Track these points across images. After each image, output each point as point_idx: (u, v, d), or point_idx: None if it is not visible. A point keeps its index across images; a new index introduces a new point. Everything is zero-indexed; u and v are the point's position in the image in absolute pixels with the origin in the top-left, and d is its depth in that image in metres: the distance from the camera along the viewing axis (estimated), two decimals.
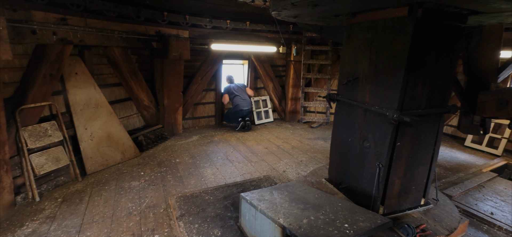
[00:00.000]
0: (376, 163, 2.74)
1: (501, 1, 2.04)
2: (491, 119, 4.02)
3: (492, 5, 2.22)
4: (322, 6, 2.44)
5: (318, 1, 2.20)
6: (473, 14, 2.52)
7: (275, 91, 7.48)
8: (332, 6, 2.52)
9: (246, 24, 6.00)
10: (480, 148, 5.98)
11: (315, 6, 2.41)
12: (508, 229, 3.14)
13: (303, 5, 2.37)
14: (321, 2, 2.25)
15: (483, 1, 2.09)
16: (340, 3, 2.42)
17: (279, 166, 4.75)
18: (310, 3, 2.23)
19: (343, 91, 3.16)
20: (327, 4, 2.37)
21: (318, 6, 2.43)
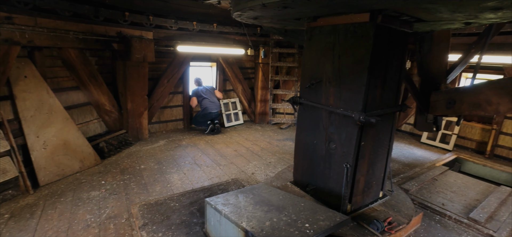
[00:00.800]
0: (343, 163, 2.84)
1: (444, 12, 2.27)
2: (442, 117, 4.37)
3: (437, 15, 2.44)
4: (291, 9, 2.47)
5: (288, 4, 2.21)
6: (419, 21, 2.73)
7: (244, 93, 7.49)
8: (300, 9, 2.54)
9: (213, 26, 5.94)
10: (434, 143, 6.47)
11: (284, 8, 2.43)
12: (456, 217, 3.41)
13: (273, 6, 2.33)
14: (291, 4, 2.26)
15: (432, 11, 2.29)
16: (310, 7, 2.45)
17: (248, 168, 4.75)
18: (280, 5, 2.23)
19: (306, 94, 3.20)
20: (296, 6, 2.39)
21: (288, 9, 2.45)
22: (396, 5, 2.27)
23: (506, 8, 2.02)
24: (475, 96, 3.20)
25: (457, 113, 3.51)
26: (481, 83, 3.20)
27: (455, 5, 2.06)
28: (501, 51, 4.96)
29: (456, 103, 3.45)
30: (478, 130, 6.10)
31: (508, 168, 5.26)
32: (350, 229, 2.74)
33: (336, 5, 2.41)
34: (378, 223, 2.76)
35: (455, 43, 5.29)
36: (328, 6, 2.45)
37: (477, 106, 3.19)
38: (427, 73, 3.81)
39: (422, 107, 3.86)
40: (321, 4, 2.29)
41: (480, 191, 4.13)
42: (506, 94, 2.79)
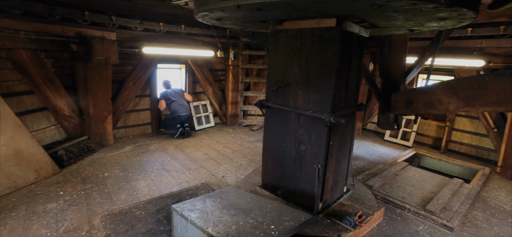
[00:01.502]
0: (314, 164, 2.91)
1: (400, 20, 2.45)
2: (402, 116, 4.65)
3: (393, 22, 2.62)
4: (264, 11, 2.45)
5: (260, 6, 2.20)
6: (373, 27, 2.92)
7: (215, 95, 7.41)
8: (270, 12, 2.54)
9: (181, 27, 5.81)
10: (396, 141, 6.86)
11: (259, 10, 2.40)
12: (414, 210, 3.64)
13: (247, 9, 2.31)
14: (266, 7, 2.24)
15: (392, 19, 2.45)
16: (282, 11, 2.45)
17: (219, 172, 4.69)
18: (255, 7, 2.21)
19: (273, 98, 3.20)
20: (268, 9, 2.37)
21: (261, 11, 2.43)
22: (363, 13, 2.40)
23: (450, 18, 2.22)
24: (428, 96, 3.43)
25: (414, 112, 3.74)
26: (434, 84, 3.45)
27: (412, 14, 2.22)
28: (451, 54, 5.41)
29: (413, 103, 3.68)
30: (434, 127, 6.58)
31: (460, 161, 5.73)
32: (325, 227, 2.82)
33: (309, 10, 2.47)
34: (350, 218, 2.92)
35: (412, 47, 5.65)
36: (302, 11, 2.49)
37: (430, 106, 3.43)
38: (387, 75, 4.03)
39: (384, 107, 4.07)
40: (295, 8, 2.33)
41: (435, 184, 4.45)
42: (454, 94, 3.03)
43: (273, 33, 3.06)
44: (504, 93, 2.26)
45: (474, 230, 3.38)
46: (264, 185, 3.55)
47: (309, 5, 2.20)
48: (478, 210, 3.85)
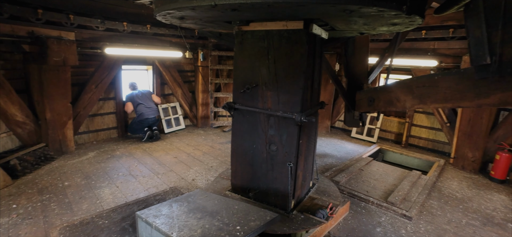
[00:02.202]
0: (286, 163, 2.97)
1: (359, 24, 2.62)
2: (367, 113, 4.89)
3: (353, 26, 2.76)
4: (238, 12, 2.43)
5: (238, 6, 2.17)
6: (332, 30, 3.07)
7: (184, 97, 7.26)
8: (243, 13, 2.53)
9: (146, 27, 5.62)
10: (362, 137, 7.19)
11: (234, 11, 2.39)
12: (377, 202, 3.84)
13: (222, 9, 2.27)
14: (238, 7, 2.23)
15: (353, 23, 2.59)
16: (258, 11, 2.43)
17: (189, 175, 4.61)
18: (229, 8, 2.19)
19: (241, 100, 3.17)
20: (245, 10, 2.36)
21: (236, 11, 2.40)
22: (331, 17, 2.51)
23: (401, 24, 2.39)
24: (388, 95, 3.64)
25: (376, 109, 3.95)
26: (393, 83, 3.66)
27: (373, 20, 2.39)
28: (408, 55, 5.78)
29: (375, 101, 3.87)
30: (395, 123, 6.99)
31: (419, 154, 6.15)
32: (301, 223, 2.92)
33: (283, 13, 2.49)
34: (323, 211, 3.05)
35: (373, 48, 5.96)
36: (278, 13, 2.51)
37: (390, 103, 3.63)
38: (352, 75, 4.22)
39: (349, 106, 4.25)
40: (269, 10, 2.35)
41: (397, 177, 4.74)
42: (410, 92, 3.24)
43: (238, 34, 3.04)
44: (450, 90, 2.46)
45: (430, 218, 3.65)
46: (234, 188, 3.49)
47: (286, 8, 2.23)
48: (434, 199, 4.15)
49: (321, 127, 7.73)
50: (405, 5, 2.10)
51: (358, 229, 3.32)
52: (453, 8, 2.06)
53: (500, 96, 1.95)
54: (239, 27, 2.99)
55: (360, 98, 4.12)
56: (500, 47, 1.79)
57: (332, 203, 3.30)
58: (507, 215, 3.84)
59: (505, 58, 1.79)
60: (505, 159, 4.79)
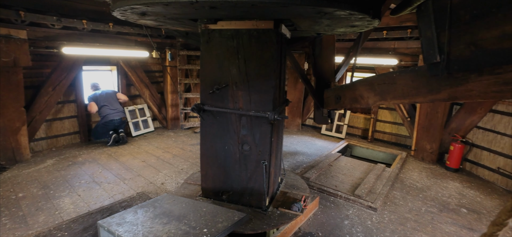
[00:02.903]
0: (260, 161, 3.00)
1: (323, 26, 2.74)
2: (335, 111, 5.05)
3: (316, 27, 2.84)
4: (217, 9, 2.38)
5: (215, 4, 2.12)
6: (294, 30, 3.18)
7: (152, 98, 7.00)
8: (217, 11, 2.48)
9: (109, 25, 5.33)
10: (331, 134, 7.43)
11: (212, 9, 2.33)
12: (345, 196, 3.98)
13: (200, 7, 2.19)
14: (219, 5, 2.16)
15: (319, 24, 2.68)
16: (230, 10, 2.41)
17: (158, 179, 4.45)
18: (208, 5, 2.11)
19: (210, 101, 3.10)
20: (226, 8, 2.32)
21: (217, 10, 2.38)
22: (300, 18, 2.59)
23: (360, 26, 2.51)
24: (353, 92, 3.78)
25: (343, 107, 4.08)
26: (357, 81, 3.81)
27: (338, 21, 2.51)
28: (371, 54, 6.07)
29: (341, 99, 4.01)
30: (361, 119, 7.31)
31: (383, 148, 6.48)
32: (278, 218, 3.00)
33: (255, 13, 2.49)
34: (298, 204, 3.18)
35: (339, 48, 6.19)
36: (253, 11, 2.49)
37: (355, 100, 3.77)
38: (320, 73, 4.33)
39: (318, 103, 4.36)
40: (244, 9, 2.33)
41: (363, 170, 4.95)
42: (372, 90, 3.39)
43: (205, 32, 2.96)
44: (407, 87, 2.60)
45: (393, 208, 3.85)
46: (204, 193, 3.38)
47: (266, 8, 2.23)
48: (397, 190, 4.40)
49: (293, 125, 7.87)
50: (372, 9, 2.29)
51: (327, 223, 3.42)
52: (406, 10, 2.18)
53: (449, 91, 2.10)
54: (206, 25, 2.92)
55: (328, 96, 4.24)
56: (448, 47, 1.93)
57: (304, 195, 3.42)
58: (460, 200, 4.17)
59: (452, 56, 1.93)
60: (458, 149, 5.20)
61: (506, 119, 4.72)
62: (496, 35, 1.56)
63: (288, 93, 7.67)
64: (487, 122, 5.03)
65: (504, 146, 4.74)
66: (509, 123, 4.67)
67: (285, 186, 3.73)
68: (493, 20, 1.56)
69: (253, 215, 3.03)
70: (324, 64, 4.39)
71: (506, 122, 4.72)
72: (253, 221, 2.90)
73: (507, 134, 4.68)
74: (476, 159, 5.22)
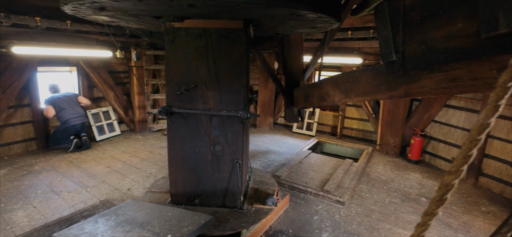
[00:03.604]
0: (234, 161, 3.03)
1: (288, 26, 2.80)
2: (304, 109, 5.15)
3: (280, 27, 2.89)
4: (195, 8, 2.34)
5: (194, 2, 2.07)
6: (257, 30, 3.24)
7: (118, 100, 6.67)
8: (190, 9, 2.41)
9: (66, 23, 4.98)
10: (302, 132, 7.58)
11: (191, 6, 2.25)
12: (315, 192, 4.08)
13: (176, 4, 2.11)
14: (197, 3, 2.11)
15: (285, 24, 2.75)
16: (206, 9, 2.37)
17: (124, 185, 4.25)
18: (185, 3, 2.05)
19: (178, 102, 2.99)
20: (204, 7, 2.26)
21: (194, 7, 2.31)
22: (269, 19, 2.66)
23: (319, 27, 2.59)
24: (320, 91, 3.88)
25: (311, 105, 4.17)
26: (323, 79, 3.91)
27: (303, 22, 2.62)
28: (338, 54, 6.28)
29: (310, 97, 4.09)
30: (330, 116, 7.54)
31: (351, 143, 6.74)
32: (254, 215, 3.07)
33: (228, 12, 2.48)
34: (271, 199, 3.30)
35: (307, 47, 6.33)
36: (228, 11, 2.47)
37: (322, 99, 3.87)
38: (289, 72, 4.39)
39: (288, 102, 4.41)
40: (218, 9, 2.31)
41: (332, 166, 5.10)
42: (337, 88, 3.50)
43: (169, 31, 2.85)
44: (368, 85, 2.71)
45: (360, 201, 4.01)
46: (174, 199, 3.24)
47: (246, 8, 2.22)
48: (363, 183, 4.59)
49: (264, 124, 7.92)
50: (338, 13, 2.44)
51: (298, 220, 3.48)
52: (365, 11, 2.28)
53: (405, 88, 2.22)
54: (171, 23, 2.81)
55: (298, 95, 4.32)
56: (402, 46, 2.04)
57: (276, 189, 3.54)
58: (420, 190, 4.45)
59: (407, 55, 2.04)
60: (418, 142, 5.55)
61: (458, 113, 5.12)
62: (443, 35, 1.67)
63: (259, 93, 7.71)
64: (442, 116, 5.43)
65: (458, 138, 5.14)
66: (461, 116, 5.07)
67: (254, 183, 3.79)
68: (439, 21, 1.66)
69: (229, 215, 3.04)
70: (293, 64, 4.46)
71: (458, 116, 5.12)
72: (230, 221, 2.92)
73: (460, 127, 5.08)
74: (434, 151, 5.61)
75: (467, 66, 1.64)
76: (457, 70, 1.72)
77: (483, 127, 0.42)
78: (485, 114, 0.42)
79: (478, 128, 0.42)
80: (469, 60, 1.60)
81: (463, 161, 0.45)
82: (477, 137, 0.42)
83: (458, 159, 0.45)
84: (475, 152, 0.45)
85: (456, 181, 0.46)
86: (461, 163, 0.45)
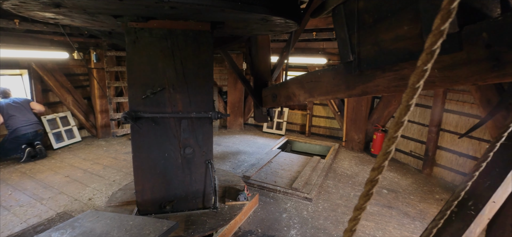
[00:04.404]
0: (205, 162, 3.06)
1: (250, 29, 2.89)
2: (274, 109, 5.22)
3: (241, 29, 2.94)
4: (176, 10, 2.28)
5: (175, 5, 2.02)
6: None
7: (77, 105, 6.26)
8: (161, 10, 2.32)
9: (14, 22, 4.56)
10: (272, 131, 7.68)
11: (172, 9, 2.19)
12: (284, 190, 4.15)
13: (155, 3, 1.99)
14: (180, 6, 2.08)
15: (248, 27, 2.82)
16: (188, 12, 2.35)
17: (84, 195, 4.00)
18: (168, 5, 1.97)
19: (143, 106, 2.85)
20: (181, 9, 2.21)
21: (174, 9, 2.24)
22: (238, 22, 2.75)
23: (276, 30, 2.67)
24: (286, 90, 3.94)
25: (279, 104, 4.23)
26: (289, 79, 3.99)
27: (265, 26, 2.74)
28: (304, 54, 6.45)
29: (277, 97, 4.15)
30: (299, 115, 7.72)
31: (319, 141, 6.95)
32: (229, 211, 3.19)
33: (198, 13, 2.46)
34: (243, 194, 3.46)
35: (274, 48, 6.43)
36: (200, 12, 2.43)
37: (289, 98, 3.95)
38: (257, 73, 4.42)
39: (257, 102, 4.44)
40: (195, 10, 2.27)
41: (301, 164, 5.23)
42: (302, 87, 3.59)
43: (131, 31, 2.69)
44: (329, 84, 2.82)
45: (326, 196, 4.15)
46: (142, 209, 3.07)
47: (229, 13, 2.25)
48: (330, 179, 4.76)
49: (235, 124, 7.90)
50: (299, 18, 2.65)
51: (267, 219, 3.51)
52: (323, 13, 2.36)
53: (362, 87, 2.33)
54: (135, 23, 2.65)
55: (266, 95, 4.36)
56: (358, 47, 2.14)
57: (245, 184, 3.67)
58: (382, 183, 4.72)
59: (362, 56, 2.15)
60: (380, 137, 5.88)
61: (414, 109, 5.50)
62: (392, 37, 1.79)
63: (229, 94, 7.68)
64: None
65: (414, 132, 5.52)
66: (416, 112, 5.46)
67: (221, 182, 3.86)
68: (388, 24, 1.78)
69: (205, 215, 3.08)
70: (261, 64, 4.50)
71: (415, 111, 5.50)
72: (208, 221, 2.97)
73: (415, 121, 5.46)
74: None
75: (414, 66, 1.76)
76: (406, 70, 1.84)
77: (398, 125, 0.44)
78: (399, 113, 0.45)
79: (395, 126, 0.45)
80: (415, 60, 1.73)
81: (383, 157, 0.47)
82: (394, 134, 0.45)
83: (379, 156, 0.48)
84: (393, 148, 0.48)
85: (379, 176, 0.48)
86: (382, 160, 0.48)
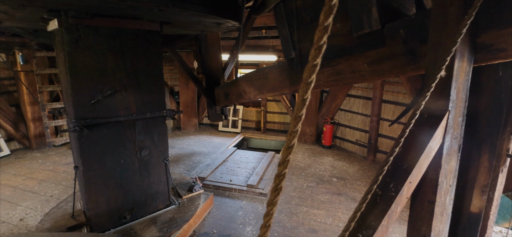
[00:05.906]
0: (162, 161, 3.09)
1: (196, 28, 2.96)
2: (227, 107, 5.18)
3: (187, 29, 2.88)
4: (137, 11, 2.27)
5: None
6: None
7: (2, 113, 5.48)
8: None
9: None
10: (228, 130, 7.64)
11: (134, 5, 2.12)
12: (239, 188, 4.16)
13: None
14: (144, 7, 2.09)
15: (194, 27, 2.89)
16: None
17: (14, 215, 3.52)
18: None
19: (92, 113, 2.58)
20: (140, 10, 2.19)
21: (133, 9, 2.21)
22: (189, 24, 2.86)
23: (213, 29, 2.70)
24: (237, 88, 3.95)
25: (232, 102, 4.22)
26: (239, 77, 3.99)
27: (211, 27, 2.85)
28: (255, 52, 6.52)
29: (229, 95, 4.13)
30: (254, 112, 7.81)
31: (274, 136, 7.12)
32: (190, 203, 3.36)
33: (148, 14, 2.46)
34: (196, 184, 3.69)
35: (225, 45, 6.39)
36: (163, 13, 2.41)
37: (240, 96, 3.96)
38: (208, 71, 4.34)
39: (210, 101, 4.36)
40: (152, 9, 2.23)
41: (256, 160, 5.29)
42: (252, 85, 3.62)
43: (71, 28, 2.36)
44: (276, 80, 2.89)
45: None
46: (95, 226, 2.76)
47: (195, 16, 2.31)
48: None
49: (189, 125, 7.69)
50: (239, 16, 2.73)
51: (222, 218, 3.49)
52: (265, 11, 2.40)
53: None
54: (79, 20, 2.35)
55: (218, 94, 4.31)
56: (298, 44, 2.22)
57: (196, 176, 3.90)
58: (332, 172, 5.00)
59: (303, 52, 2.24)
60: (329, 129, 6.23)
61: (357, 101, 5.93)
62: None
63: (181, 94, 7.43)
64: (346, 104, 6.21)
65: (359, 122, 5.96)
66: (360, 104, 5.89)
67: (173, 183, 3.97)
68: None
69: (171, 213, 3.16)
70: (212, 62, 4.43)
71: (358, 103, 5.93)
72: (177, 217, 3.08)
73: (359, 112, 5.90)
74: (342, 135, 6.38)
75: (347, 61, 1.88)
76: (340, 65, 1.96)
77: (297, 119, 0.45)
78: (297, 108, 0.45)
79: (294, 120, 0.45)
80: (348, 56, 1.85)
81: (287, 152, 0.48)
82: (294, 129, 0.45)
83: (283, 151, 0.49)
84: (295, 142, 0.48)
85: (286, 170, 0.49)
86: (286, 154, 0.48)
